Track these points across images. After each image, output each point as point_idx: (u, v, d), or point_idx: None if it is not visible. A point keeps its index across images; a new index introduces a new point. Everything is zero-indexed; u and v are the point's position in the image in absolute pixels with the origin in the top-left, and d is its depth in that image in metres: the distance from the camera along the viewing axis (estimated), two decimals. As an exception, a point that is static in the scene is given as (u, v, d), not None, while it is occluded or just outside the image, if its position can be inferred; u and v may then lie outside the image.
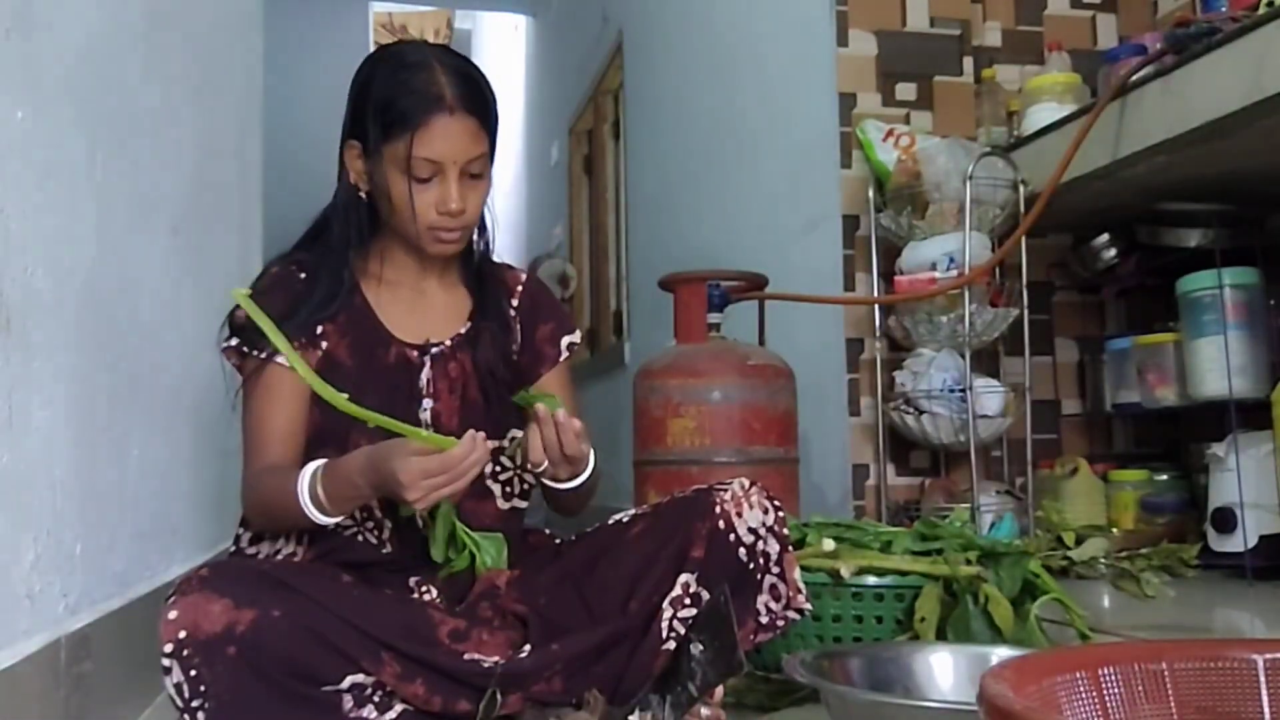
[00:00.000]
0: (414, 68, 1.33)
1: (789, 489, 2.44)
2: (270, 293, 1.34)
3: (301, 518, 1.24)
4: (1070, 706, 0.77)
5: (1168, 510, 2.82)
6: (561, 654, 1.24)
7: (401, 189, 1.32)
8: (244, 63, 3.17)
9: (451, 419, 1.40)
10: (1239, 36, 2.10)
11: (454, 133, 1.31)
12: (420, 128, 1.30)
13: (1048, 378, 3.10)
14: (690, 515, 1.33)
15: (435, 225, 1.34)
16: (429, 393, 1.39)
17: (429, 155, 1.31)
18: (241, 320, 1.32)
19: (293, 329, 1.31)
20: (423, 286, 1.44)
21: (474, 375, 1.42)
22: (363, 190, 1.39)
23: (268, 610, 1.11)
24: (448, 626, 1.25)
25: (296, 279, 1.38)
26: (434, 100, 1.31)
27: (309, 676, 1.14)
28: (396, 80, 1.33)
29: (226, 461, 2.58)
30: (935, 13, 3.07)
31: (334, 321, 1.37)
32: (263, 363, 1.33)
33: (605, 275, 6.09)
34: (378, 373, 1.38)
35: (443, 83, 1.32)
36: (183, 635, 1.08)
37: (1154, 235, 2.79)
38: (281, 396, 1.33)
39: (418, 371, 1.40)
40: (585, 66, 6.22)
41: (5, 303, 1.14)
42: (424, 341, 1.41)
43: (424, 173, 1.31)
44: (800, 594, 1.35)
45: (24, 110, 1.21)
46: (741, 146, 3.82)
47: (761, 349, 2.63)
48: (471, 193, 1.35)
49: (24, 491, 1.21)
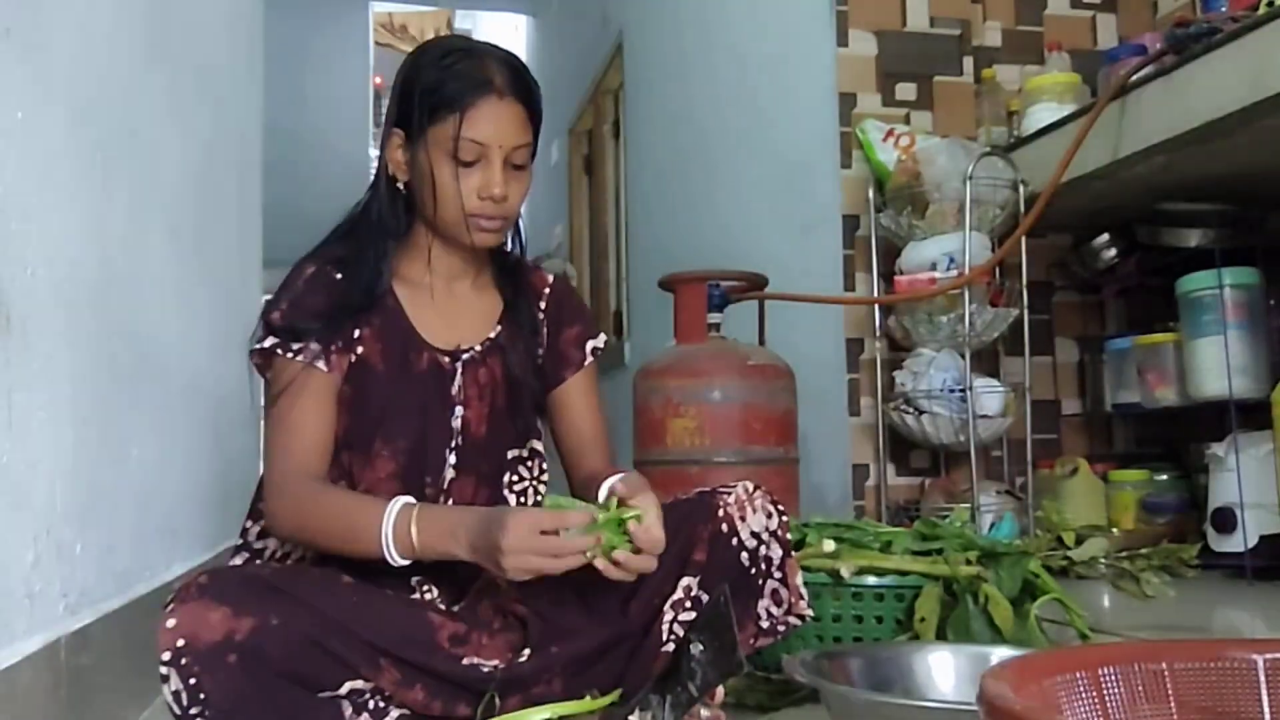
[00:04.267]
0: (463, 53, 1.32)
1: (789, 489, 2.44)
2: (308, 294, 1.31)
3: (370, 549, 1.20)
4: (1070, 706, 0.77)
5: (1168, 510, 2.83)
6: (561, 657, 1.24)
7: (445, 172, 1.30)
8: (244, 63, 3.17)
9: (480, 427, 1.38)
10: (1239, 36, 2.10)
11: (503, 117, 1.30)
12: (469, 108, 1.28)
13: (1048, 378, 3.10)
14: (693, 518, 1.32)
15: (477, 212, 1.31)
16: (460, 400, 1.37)
17: (476, 137, 1.29)
18: (277, 322, 1.29)
19: (332, 331, 1.29)
20: (454, 288, 1.41)
21: (503, 382, 1.40)
22: (401, 181, 1.36)
23: (266, 618, 1.11)
24: (447, 631, 1.24)
25: (332, 278, 1.34)
26: (483, 83, 1.29)
27: (307, 683, 1.13)
28: (445, 64, 1.31)
29: (227, 461, 2.58)
30: (935, 13, 3.07)
31: (370, 325, 1.34)
32: (302, 367, 1.28)
33: (605, 275, 6.09)
34: (410, 380, 1.35)
35: (493, 68, 1.31)
36: (181, 644, 1.08)
37: (1154, 235, 2.79)
38: (320, 404, 1.29)
39: (450, 379, 1.37)
40: (585, 66, 6.22)
41: (5, 303, 1.14)
42: (455, 347, 1.38)
43: (469, 155, 1.29)
44: (802, 600, 1.34)
45: (24, 110, 1.21)
46: (741, 146, 3.82)
47: (761, 349, 2.63)
48: (514, 182, 1.33)
49: (24, 491, 1.21)
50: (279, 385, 1.29)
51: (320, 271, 1.34)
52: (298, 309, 1.30)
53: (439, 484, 1.35)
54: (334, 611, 1.16)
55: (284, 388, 1.28)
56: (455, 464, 1.36)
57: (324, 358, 1.29)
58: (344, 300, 1.32)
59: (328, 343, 1.29)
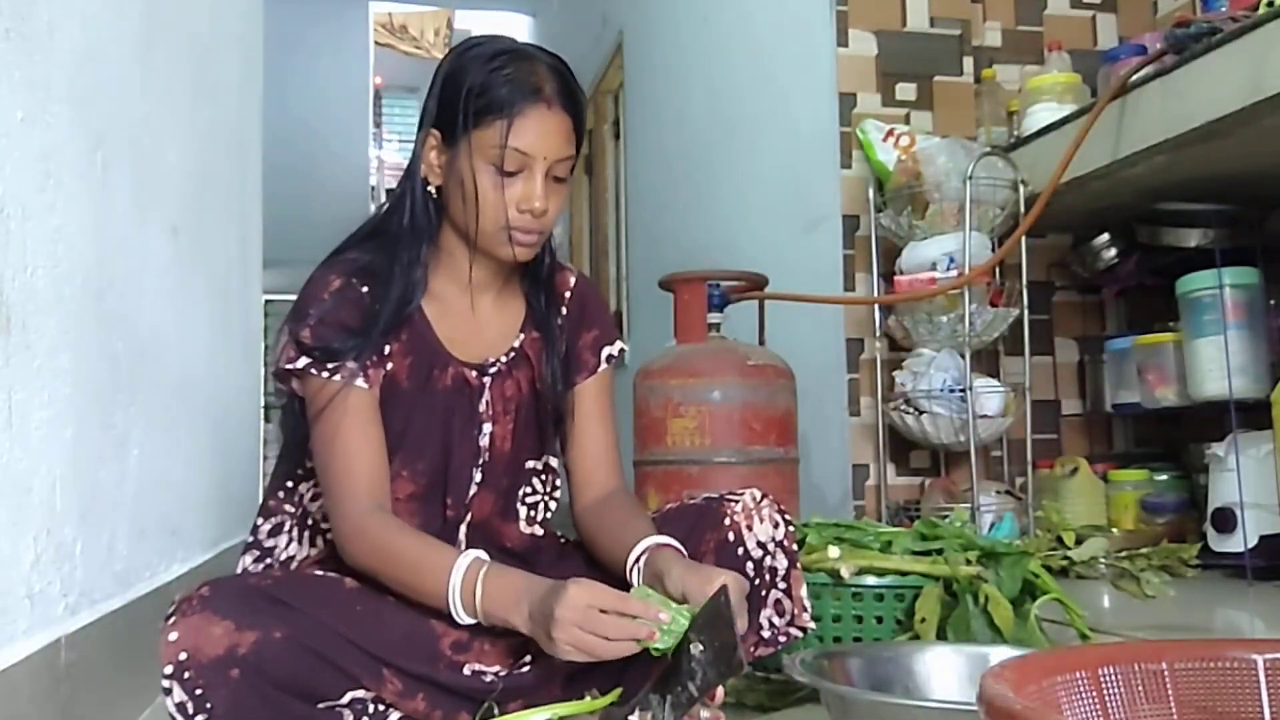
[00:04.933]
0: (514, 55, 1.26)
1: (789, 489, 2.44)
2: (338, 308, 1.25)
3: (437, 598, 1.17)
4: (1070, 706, 0.76)
5: (1168, 510, 2.83)
6: (563, 666, 1.23)
7: (486, 181, 1.24)
8: (244, 63, 3.17)
9: (505, 442, 1.34)
10: (1239, 36, 2.10)
11: (550, 128, 1.25)
12: (517, 116, 1.23)
13: (1048, 378, 3.10)
14: (700, 525, 1.31)
15: (515, 224, 1.26)
16: (488, 416, 1.33)
17: (521, 147, 1.23)
18: (309, 340, 1.23)
19: (367, 349, 1.24)
20: (479, 299, 1.36)
21: (528, 394, 1.36)
22: (433, 185, 1.30)
23: (269, 631, 1.10)
24: (450, 638, 1.23)
25: (359, 291, 1.27)
26: (534, 90, 1.24)
27: (310, 695, 1.13)
28: (494, 66, 1.25)
29: (227, 461, 2.58)
30: (935, 13, 3.07)
31: (398, 340, 1.29)
32: (340, 386, 1.23)
33: (605, 275, 6.09)
34: (434, 396, 1.30)
35: (544, 75, 1.25)
36: (184, 657, 1.07)
37: (1154, 235, 2.79)
38: (368, 423, 1.24)
39: (478, 394, 1.32)
40: (585, 66, 6.22)
41: (5, 303, 1.14)
42: (482, 360, 1.33)
43: (513, 165, 1.24)
44: (805, 612, 1.32)
45: (24, 110, 1.21)
46: (741, 146, 3.82)
47: (761, 349, 2.63)
48: (554, 196, 1.27)
49: (24, 491, 1.21)
50: (317, 405, 1.24)
51: (347, 285, 1.27)
52: (328, 325, 1.24)
53: (460, 503, 1.32)
54: (336, 623, 1.16)
55: (323, 408, 1.23)
56: (480, 481, 1.33)
57: (363, 374, 1.24)
58: (376, 315, 1.26)
59: (363, 360, 1.24)
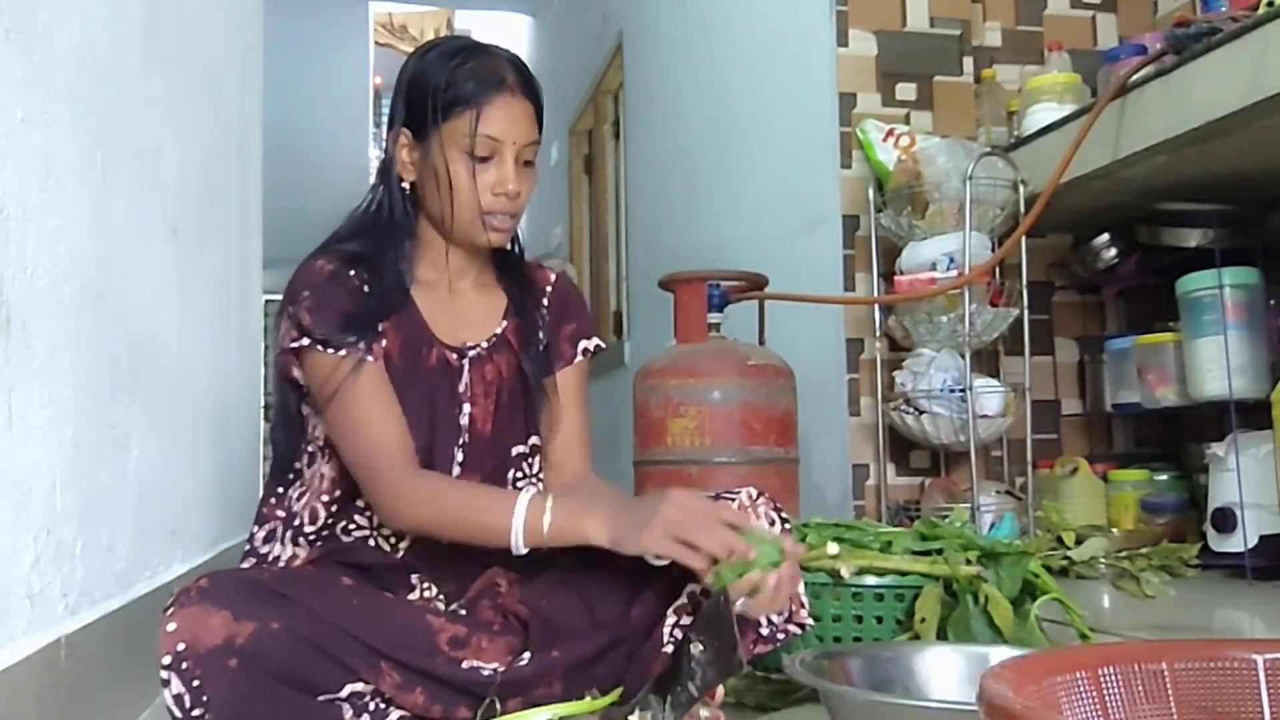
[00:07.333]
0: (473, 51, 1.36)
1: (789, 489, 2.44)
2: (335, 291, 1.31)
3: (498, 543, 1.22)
4: (1070, 706, 0.76)
5: (1168, 510, 2.83)
6: (562, 661, 1.24)
7: (460, 169, 1.32)
8: (244, 63, 3.17)
9: (486, 424, 1.39)
10: (1239, 36, 2.10)
11: (516, 114, 1.33)
12: (485, 105, 1.31)
13: (1048, 378, 3.10)
14: None
15: (491, 208, 1.34)
16: (467, 397, 1.38)
17: (491, 133, 1.31)
18: (308, 322, 1.28)
19: (363, 328, 1.29)
20: (458, 286, 1.43)
21: (508, 379, 1.41)
22: (406, 181, 1.38)
23: (267, 622, 1.11)
24: (448, 634, 1.24)
25: (348, 275, 1.33)
26: (497, 81, 1.33)
27: (308, 686, 1.14)
28: (456, 63, 1.33)
29: (227, 461, 2.58)
30: (935, 13, 3.07)
31: (390, 320, 1.35)
32: (351, 364, 1.28)
33: (605, 275, 6.09)
34: (421, 374, 1.36)
35: (503, 66, 1.35)
36: (182, 647, 1.08)
37: (1154, 235, 2.79)
38: (384, 392, 1.30)
39: (458, 375, 1.38)
40: (585, 67, 6.22)
41: (5, 303, 1.14)
42: (462, 344, 1.40)
43: (484, 150, 1.32)
44: (803, 609, 1.33)
45: (24, 110, 1.21)
46: (741, 146, 3.82)
47: (761, 349, 2.63)
48: (525, 180, 1.36)
49: (24, 491, 1.21)
50: (331, 385, 1.27)
51: (340, 269, 1.33)
52: (328, 308, 1.29)
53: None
54: (334, 615, 1.16)
55: (337, 387, 1.27)
56: (462, 461, 1.37)
57: (369, 350, 1.29)
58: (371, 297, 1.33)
59: (369, 336, 1.29)
